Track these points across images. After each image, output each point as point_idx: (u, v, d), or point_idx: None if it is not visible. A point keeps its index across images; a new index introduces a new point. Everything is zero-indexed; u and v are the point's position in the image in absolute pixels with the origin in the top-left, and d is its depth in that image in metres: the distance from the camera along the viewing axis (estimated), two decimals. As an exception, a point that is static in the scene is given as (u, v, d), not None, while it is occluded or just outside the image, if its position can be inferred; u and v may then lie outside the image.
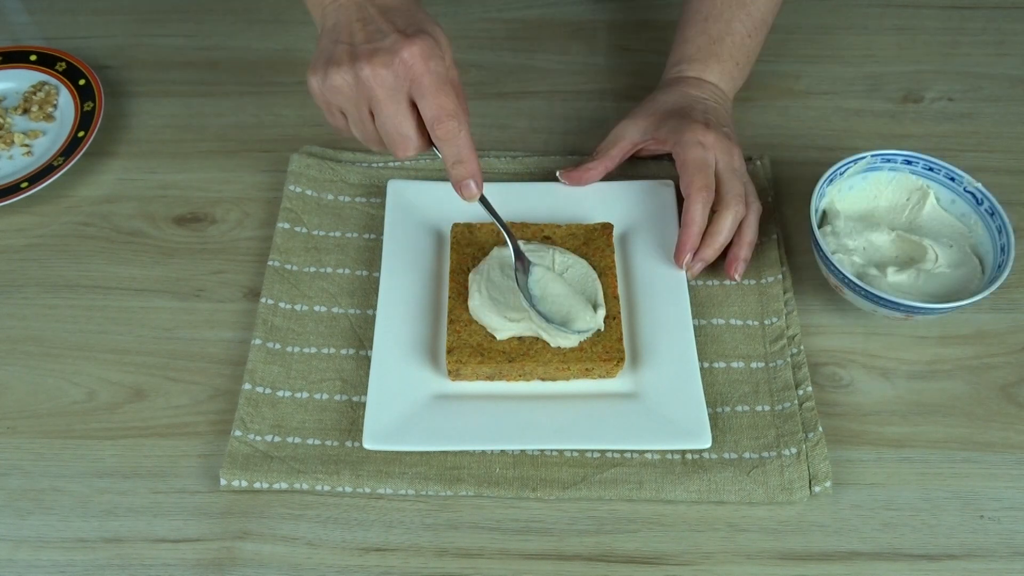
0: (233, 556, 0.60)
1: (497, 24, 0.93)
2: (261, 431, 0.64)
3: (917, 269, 0.68)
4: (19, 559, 0.60)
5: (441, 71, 0.57)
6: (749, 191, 0.71)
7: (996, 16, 0.93)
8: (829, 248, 0.68)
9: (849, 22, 0.93)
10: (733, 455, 0.63)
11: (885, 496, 0.62)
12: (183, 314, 0.72)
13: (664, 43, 0.82)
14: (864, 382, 0.68)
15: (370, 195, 0.77)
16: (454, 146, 0.58)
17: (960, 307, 0.64)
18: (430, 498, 0.62)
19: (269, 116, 0.85)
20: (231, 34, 0.92)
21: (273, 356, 0.68)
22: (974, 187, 0.70)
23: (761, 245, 0.73)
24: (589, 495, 0.62)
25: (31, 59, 0.86)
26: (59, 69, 0.85)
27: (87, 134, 0.79)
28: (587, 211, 0.74)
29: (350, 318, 0.70)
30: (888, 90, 0.87)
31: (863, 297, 0.65)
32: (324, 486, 0.62)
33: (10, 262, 0.75)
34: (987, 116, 0.85)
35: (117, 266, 0.74)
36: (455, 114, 0.57)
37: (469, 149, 0.59)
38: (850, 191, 0.72)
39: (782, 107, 0.85)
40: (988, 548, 0.60)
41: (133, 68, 0.89)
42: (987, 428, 0.65)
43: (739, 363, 0.68)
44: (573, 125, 0.84)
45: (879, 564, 0.59)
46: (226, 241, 0.76)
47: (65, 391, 0.67)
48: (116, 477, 0.63)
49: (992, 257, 0.68)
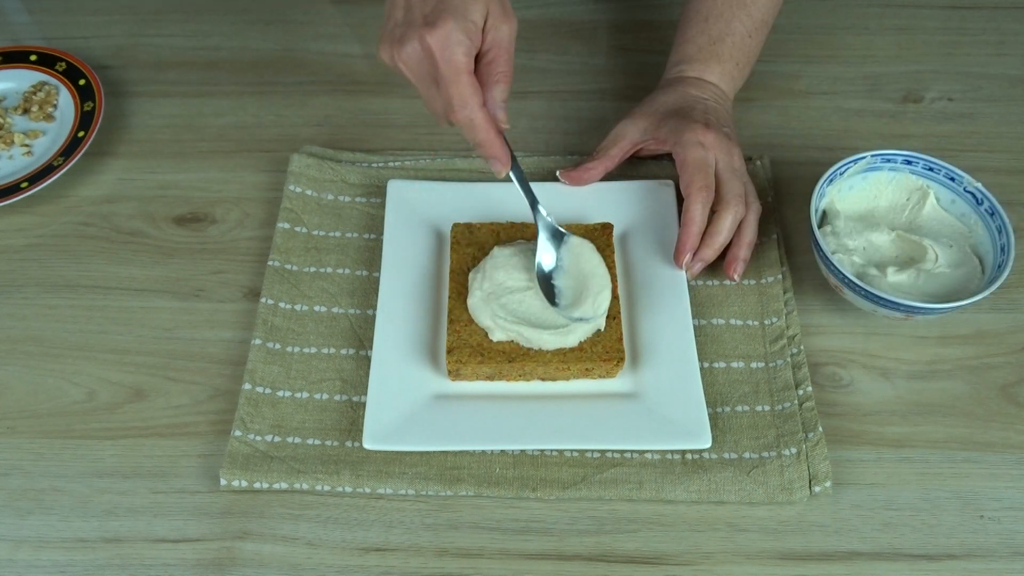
0: (233, 556, 0.60)
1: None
2: (261, 431, 0.64)
3: (917, 269, 0.68)
4: (19, 559, 0.60)
5: (457, 59, 0.58)
6: (749, 191, 0.71)
7: (996, 16, 0.93)
8: (829, 248, 0.68)
9: (849, 22, 0.93)
10: (733, 455, 0.63)
11: (885, 496, 0.62)
12: (183, 314, 0.72)
13: (664, 43, 0.82)
14: (864, 382, 0.68)
15: (370, 195, 0.77)
16: (470, 133, 0.62)
17: (960, 307, 0.64)
18: (430, 498, 0.62)
19: (269, 116, 0.85)
20: (231, 34, 0.92)
21: (273, 356, 0.68)
22: (974, 187, 0.70)
23: (761, 245, 0.73)
24: (589, 495, 0.62)
25: (31, 59, 0.86)
26: (59, 69, 0.85)
27: (87, 134, 0.79)
28: (587, 211, 0.74)
29: (350, 318, 0.70)
30: (888, 90, 0.87)
31: (863, 297, 0.65)
32: (324, 486, 0.62)
33: (10, 262, 0.75)
34: (987, 116, 0.85)
35: (117, 266, 0.74)
36: (464, 104, 0.59)
37: (486, 132, 0.62)
38: (850, 191, 0.72)
39: (782, 107, 0.85)
40: (988, 548, 0.60)
41: (133, 68, 0.89)
42: (987, 428, 0.65)
43: (739, 363, 0.68)
44: (573, 125, 0.84)
45: (879, 564, 0.59)
46: (226, 241, 0.76)
47: (65, 391, 0.67)
48: (116, 477, 0.63)
49: (992, 257, 0.68)
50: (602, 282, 0.66)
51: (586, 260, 0.67)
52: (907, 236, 0.70)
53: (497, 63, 0.60)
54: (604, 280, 0.66)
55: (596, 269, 0.66)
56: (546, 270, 0.66)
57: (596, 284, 0.65)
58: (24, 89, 0.85)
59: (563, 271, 0.66)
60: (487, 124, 0.61)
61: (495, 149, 0.63)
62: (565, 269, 0.66)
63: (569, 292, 0.65)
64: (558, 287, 0.65)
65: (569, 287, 0.65)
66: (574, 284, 0.66)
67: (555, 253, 0.67)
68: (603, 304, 0.65)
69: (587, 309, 0.64)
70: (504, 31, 0.60)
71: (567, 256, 0.67)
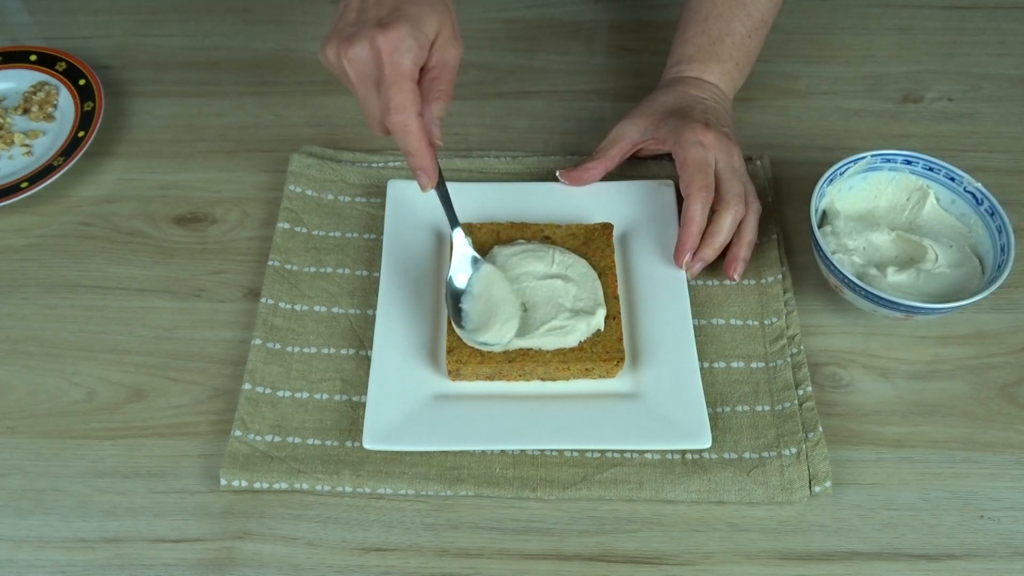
0: (233, 556, 0.60)
1: (497, 24, 0.93)
2: (261, 431, 0.64)
3: (917, 269, 0.68)
4: (19, 559, 0.60)
5: (404, 64, 0.57)
6: (749, 191, 0.71)
7: (996, 16, 0.93)
8: (829, 248, 0.68)
9: (849, 22, 0.93)
10: (733, 455, 0.63)
11: (885, 496, 0.62)
12: (183, 314, 0.72)
13: (664, 43, 0.82)
14: (864, 382, 0.68)
15: (370, 195, 0.77)
16: (402, 139, 0.60)
17: (960, 307, 0.64)
18: (430, 498, 0.62)
19: (269, 116, 0.85)
20: (231, 34, 0.92)
21: (273, 356, 0.68)
22: (974, 187, 0.70)
23: (761, 245, 0.73)
24: (589, 495, 0.62)
25: (31, 59, 0.86)
26: (59, 69, 0.85)
27: (87, 134, 0.79)
28: (587, 211, 0.74)
29: (350, 318, 0.70)
30: (888, 90, 0.87)
31: (863, 297, 0.65)
32: (324, 486, 0.62)
33: (10, 262, 0.75)
34: (987, 116, 0.85)
35: (117, 266, 0.74)
36: (402, 108, 0.58)
37: (418, 141, 0.60)
38: (850, 191, 0.72)
39: (782, 107, 0.85)
40: (988, 548, 0.60)
41: (133, 68, 0.89)
42: (987, 428, 0.65)
43: (739, 363, 0.68)
44: (573, 125, 0.84)
45: (879, 564, 0.59)
46: (226, 241, 0.76)
47: (65, 391, 0.67)
48: (116, 477, 0.63)
49: (992, 257, 0.68)
50: (510, 311, 0.65)
51: (497, 288, 0.66)
52: (907, 236, 0.70)
53: (440, 81, 0.60)
54: (512, 310, 0.65)
55: (506, 297, 0.66)
56: (456, 287, 0.66)
57: (504, 312, 0.65)
58: (24, 89, 0.85)
59: (472, 296, 0.66)
60: (421, 134, 0.60)
61: (424, 160, 0.61)
62: (474, 295, 0.66)
63: (475, 316, 0.65)
64: (465, 310, 0.65)
65: (476, 311, 0.65)
66: (482, 309, 0.65)
67: (469, 275, 0.67)
68: (508, 333, 0.64)
69: (492, 336, 0.64)
70: (451, 53, 0.60)
71: (477, 283, 0.66)
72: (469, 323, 0.64)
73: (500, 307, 0.65)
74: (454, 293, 0.66)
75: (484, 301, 0.65)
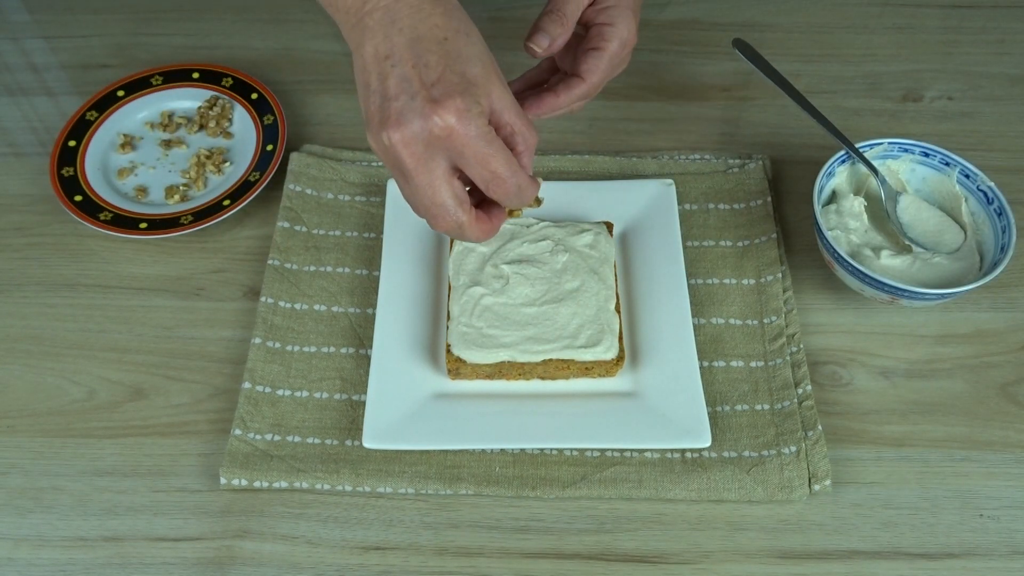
0: (233, 555, 0.60)
1: (497, 24, 0.93)
2: (261, 430, 0.64)
3: (914, 256, 0.68)
4: (19, 558, 0.60)
5: (482, 129, 0.52)
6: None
7: (996, 15, 0.93)
8: (828, 224, 0.68)
9: (849, 21, 0.93)
10: (733, 454, 0.63)
11: (885, 495, 0.62)
12: (183, 313, 0.72)
13: (664, 43, 0.82)
14: (864, 381, 0.68)
15: (370, 194, 0.77)
16: (515, 200, 0.56)
17: (948, 296, 0.64)
18: (430, 497, 0.62)
19: (269, 115, 0.85)
20: (231, 34, 0.92)
21: (273, 355, 0.68)
22: (987, 185, 0.70)
23: (761, 244, 0.73)
24: (589, 494, 0.62)
25: (193, 76, 0.85)
26: (226, 85, 0.84)
27: (276, 148, 0.78)
28: (587, 211, 0.74)
29: (350, 317, 0.70)
30: (888, 89, 0.87)
31: (851, 275, 0.65)
32: (324, 485, 0.62)
33: (10, 261, 0.75)
34: (987, 115, 0.85)
35: (117, 265, 0.74)
36: (505, 175, 0.54)
37: (530, 181, 0.56)
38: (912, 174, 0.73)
39: (782, 107, 0.85)
40: (988, 547, 0.60)
41: (133, 67, 0.89)
42: (987, 427, 0.65)
43: (738, 362, 0.68)
44: (573, 124, 0.84)
45: (879, 563, 0.59)
46: (226, 240, 0.76)
47: (65, 390, 0.67)
48: (116, 476, 0.63)
49: (992, 254, 0.68)
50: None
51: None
52: None
53: None
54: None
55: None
56: None
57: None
58: (198, 106, 0.84)
59: (915, 226, 0.67)
60: (526, 178, 0.56)
61: (534, 190, 0.58)
62: (914, 224, 0.67)
63: (932, 235, 0.66)
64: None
65: (928, 232, 0.67)
66: (934, 226, 0.68)
67: None
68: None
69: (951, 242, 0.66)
70: None
71: (909, 212, 0.68)
72: (928, 244, 0.67)
73: (937, 224, 0.68)
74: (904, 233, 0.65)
75: (921, 225, 0.67)
